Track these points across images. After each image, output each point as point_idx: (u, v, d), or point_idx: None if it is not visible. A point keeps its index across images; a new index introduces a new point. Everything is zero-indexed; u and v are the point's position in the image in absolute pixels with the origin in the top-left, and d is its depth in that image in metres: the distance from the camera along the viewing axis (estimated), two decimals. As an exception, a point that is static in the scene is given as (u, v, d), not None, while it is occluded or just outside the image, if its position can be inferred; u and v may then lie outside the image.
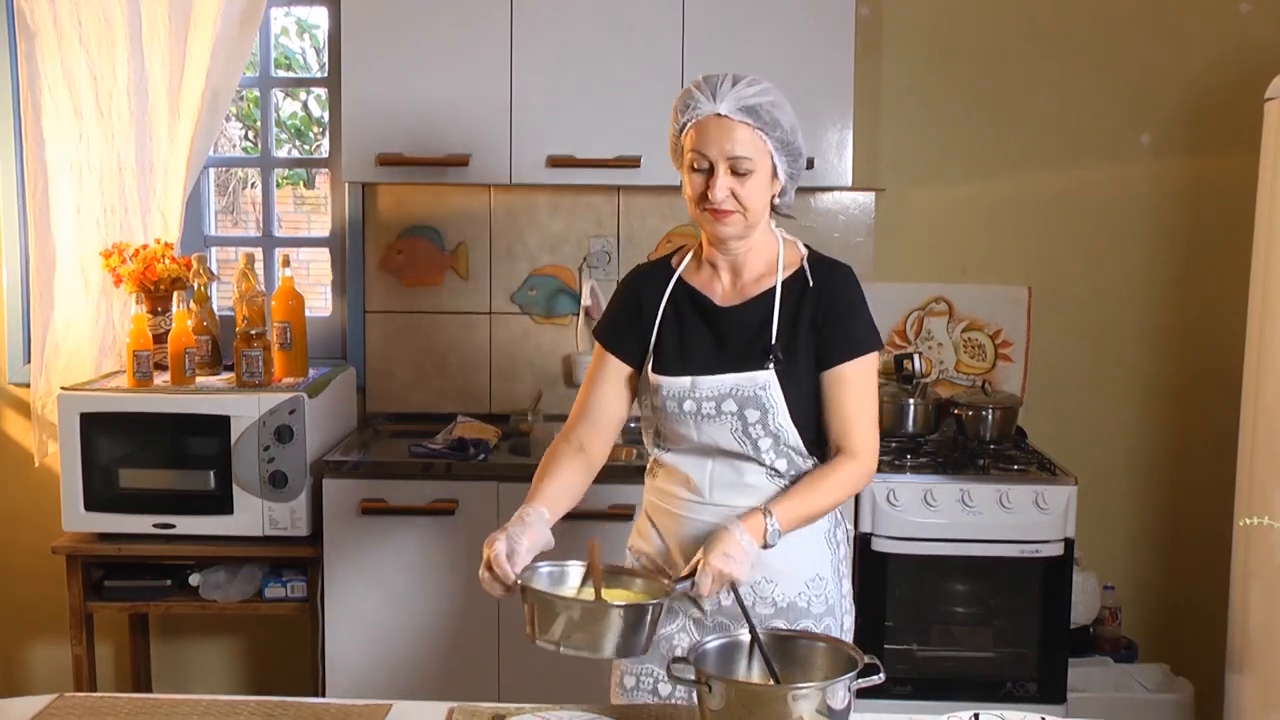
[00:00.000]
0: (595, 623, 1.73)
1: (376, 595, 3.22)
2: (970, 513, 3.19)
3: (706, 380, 2.07)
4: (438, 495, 3.19)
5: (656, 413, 2.12)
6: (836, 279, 2.10)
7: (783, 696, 1.66)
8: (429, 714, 1.85)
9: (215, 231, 3.84)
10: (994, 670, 3.25)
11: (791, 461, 2.08)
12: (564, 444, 2.16)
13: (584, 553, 1.92)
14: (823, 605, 2.12)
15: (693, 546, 2.07)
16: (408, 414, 3.73)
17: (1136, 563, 3.80)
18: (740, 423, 2.05)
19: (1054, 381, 3.75)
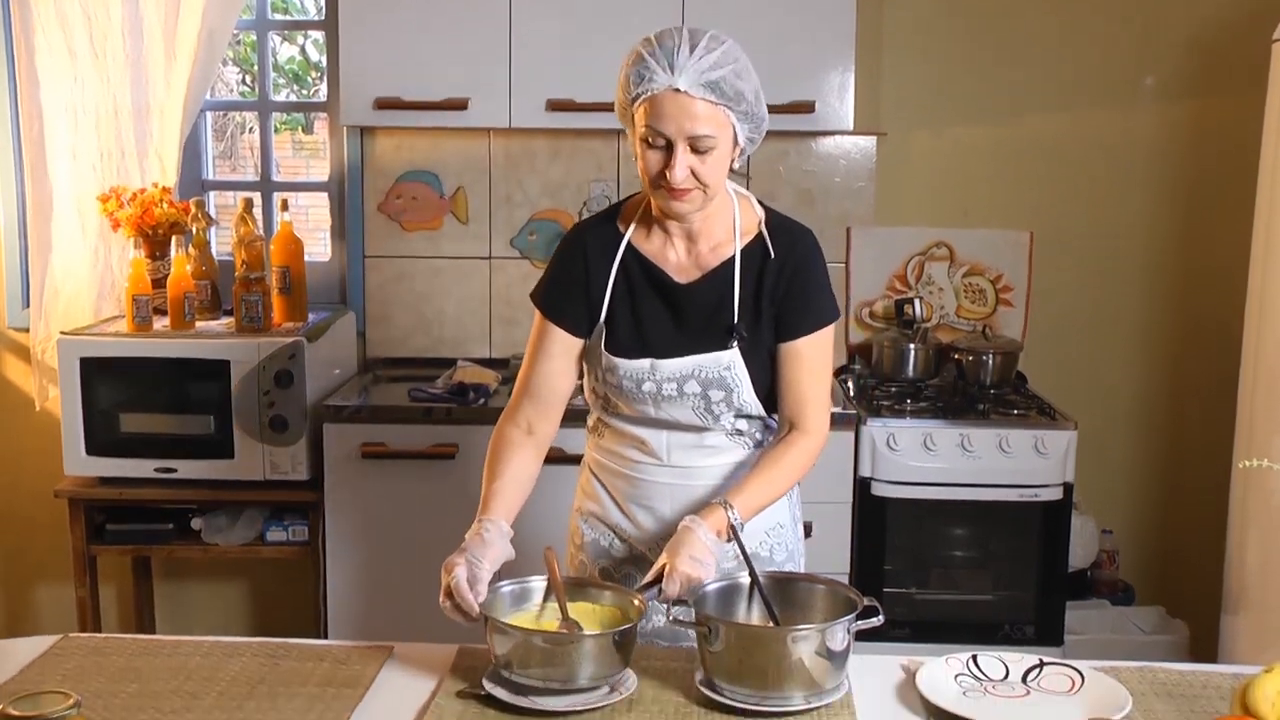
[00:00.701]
0: (568, 656, 1.65)
1: (377, 539, 3.23)
2: (970, 457, 3.18)
3: (667, 363, 1.95)
4: (438, 440, 3.19)
5: (610, 389, 2.00)
6: (800, 250, 1.98)
7: (782, 638, 1.66)
8: (431, 656, 1.85)
9: (213, 176, 3.81)
10: (992, 613, 3.26)
11: (752, 422, 2.03)
12: (511, 427, 2.03)
13: (538, 558, 1.86)
14: (784, 552, 2.09)
15: (650, 509, 2.02)
16: (407, 359, 3.72)
17: (1135, 507, 3.80)
18: (703, 402, 1.96)
19: (1055, 327, 3.74)
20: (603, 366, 1.99)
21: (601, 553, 2.09)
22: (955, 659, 1.80)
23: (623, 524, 2.07)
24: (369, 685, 1.75)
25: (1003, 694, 1.72)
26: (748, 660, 1.65)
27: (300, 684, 1.76)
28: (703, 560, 1.80)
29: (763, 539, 2.07)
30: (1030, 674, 1.78)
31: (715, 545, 1.83)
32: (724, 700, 1.67)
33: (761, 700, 1.65)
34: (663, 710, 1.67)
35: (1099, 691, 1.70)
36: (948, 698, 1.69)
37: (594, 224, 2.04)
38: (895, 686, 1.77)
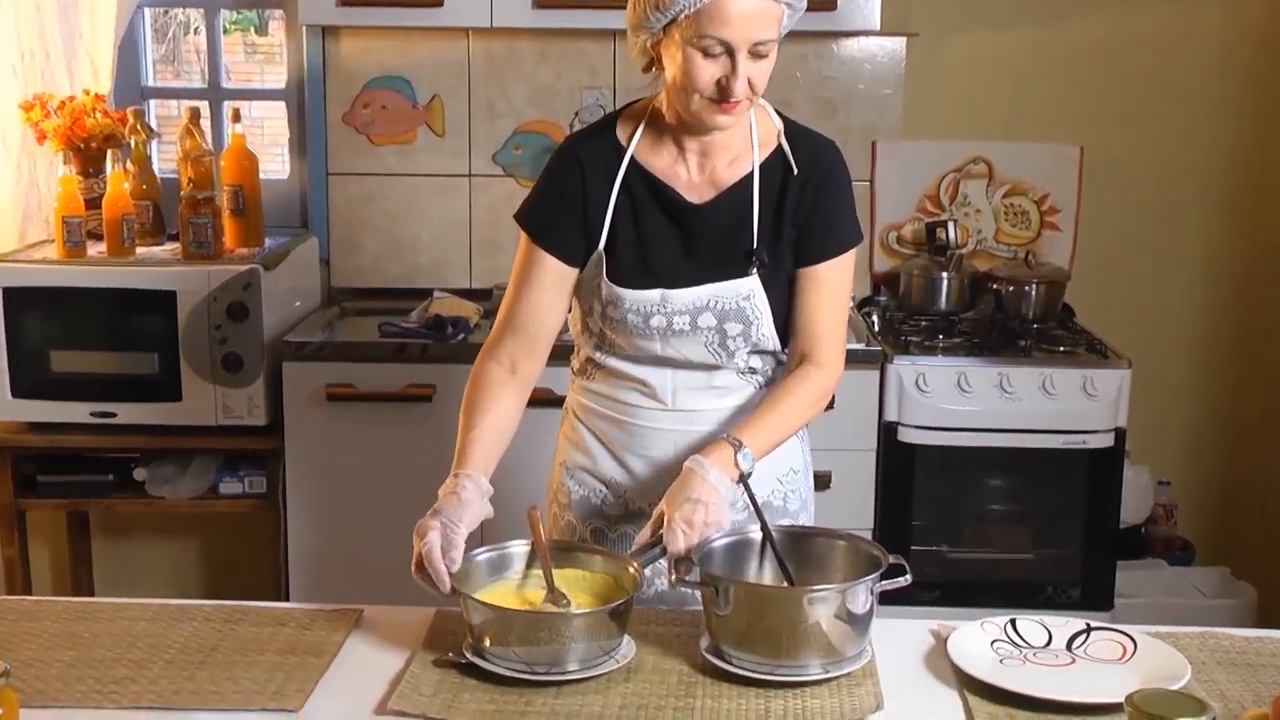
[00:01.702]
0: (554, 637, 1.64)
1: (344, 491, 3.24)
2: (1009, 399, 3.18)
3: (679, 293, 1.93)
4: (412, 380, 3.19)
5: (610, 324, 1.98)
6: (824, 164, 1.97)
7: (798, 600, 1.67)
8: (405, 620, 1.86)
9: (154, 82, 3.78)
10: (1033, 574, 3.27)
11: (765, 359, 2.02)
12: (493, 365, 2.00)
13: (520, 520, 1.84)
14: (797, 501, 2.09)
15: (649, 459, 2.01)
16: (377, 289, 3.71)
17: (1195, 456, 3.81)
18: (718, 336, 1.96)
19: (1106, 253, 3.72)
20: (603, 299, 1.97)
21: (592, 511, 2.08)
22: (991, 623, 1.81)
23: (617, 477, 2.06)
24: (335, 653, 1.76)
25: (1044, 662, 1.73)
26: (759, 624, 1.66)
27: (258, 651, 1.76)
28: (709, 503, 1.79)
29: (775, 486, 2.06)
30: (1076, 640, 1.78)
31: (724, 487, 1.82)
32: (732, 669, 1.67)
33: (774, 669, 1.66)
34: (664, 680, 1.68)
35: (1154, 660, 1.70)
36: (982, 666, 1.69)
37: (589, 137, 2.01)
38: (924, 654, 1.78)
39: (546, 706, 1.60)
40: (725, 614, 1.68)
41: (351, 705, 1.62)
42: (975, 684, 1.66)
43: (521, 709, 1.59)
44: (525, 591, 1.81)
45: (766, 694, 1.64)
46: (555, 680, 1.65)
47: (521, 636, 1.65)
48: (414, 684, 1.66)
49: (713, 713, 1.59)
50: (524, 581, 1.82)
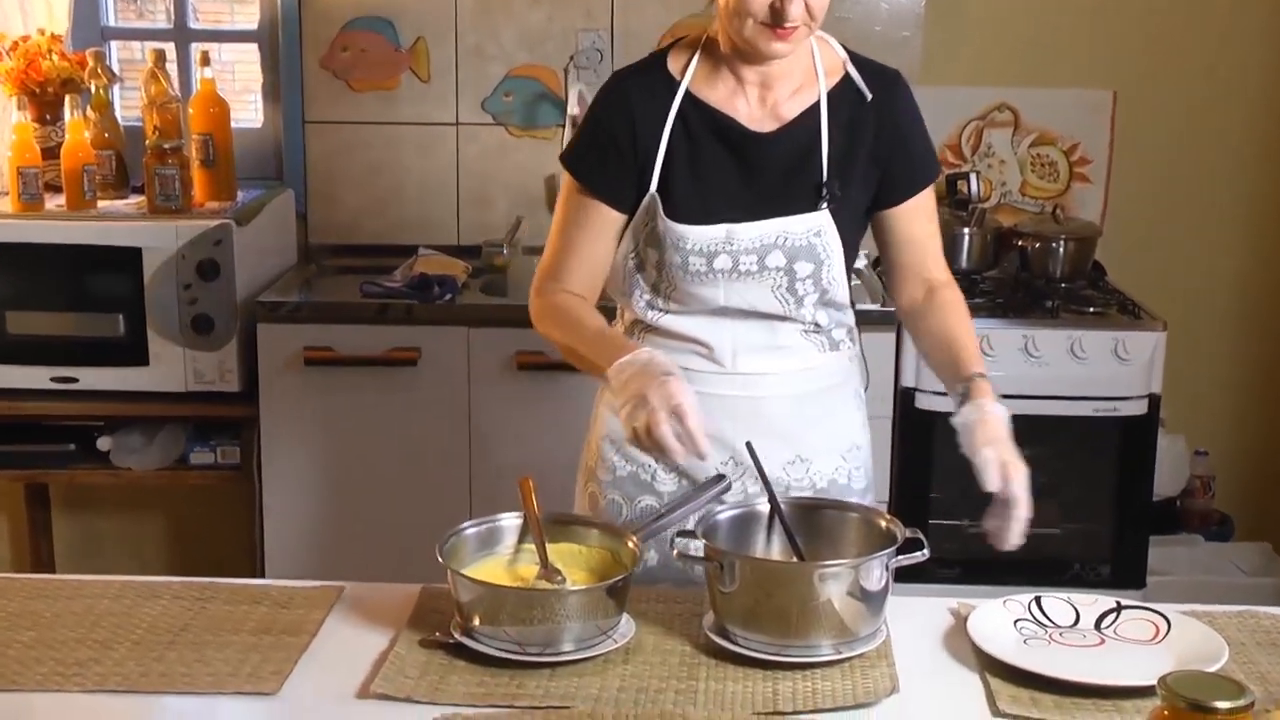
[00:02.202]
0: (547, 615, 1.64)
1: (323, 461, 3.24)
2: (1035, 364, 3.18)
3: (746, 229, 1.94)
4: (396, 343, 3.19)
5: (668, 272, 1.97)
6: (899, 92, 2.01)
7: (808, 576, 1.67)
8: (388, 598, 1.86)
9: (115, 22, 3.76)
10: (1059, 550, 3.28)
11: (831, 316, 2.03)
12: (566, 294, 2.00)
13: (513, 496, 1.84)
14: (863, 479, 2.10)
15: (710, 432, 1.95)
16: (358, 246, 3.71)
17: (1234, 424, 3.81)
18: (787, 278, 1.96)
19: (1141, 208, 3.71)
20: (661, 244, 1.97)
21: (642, 488, 2.05)
22: (1015, 601, 1.82)
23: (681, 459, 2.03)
24: (314, 633, 1.77)
25: (1071, 642, 1.74)
26: (767, 602, 1.66)
27: (232, 631, 1.77)
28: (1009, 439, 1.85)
29: (838, 464, 2.07)
30: (1105, 620, 1.79)
31: None
32: (738, 649, 1.68)
33: (782, 649, 1.66)
34: (665, 661, 1.69)
35: (1188, 641, 1.71)
36: (1005, 647, 1.70)
37: (637, 71, 2.03)
38: (943, 634, 1.78)
39: (540, 689, 1.61)
40: (730, 591, 1.68)
41: (332, 688, 1.63)
42: (997, 665, 1.66)
43: (513, 692, 1.60)
44: (517, 567, 1.81)
45: (774, 676, 1.64)
46: (549, 661, 1.65)
47: (513, 615, 1.65)
48: (399, 665, 1.66)
49: (717, 695, 1.60)
50: (516, 557, 1.82)
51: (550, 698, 1.59)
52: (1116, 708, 1.56)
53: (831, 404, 2.06)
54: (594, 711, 1.53)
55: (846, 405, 2.10)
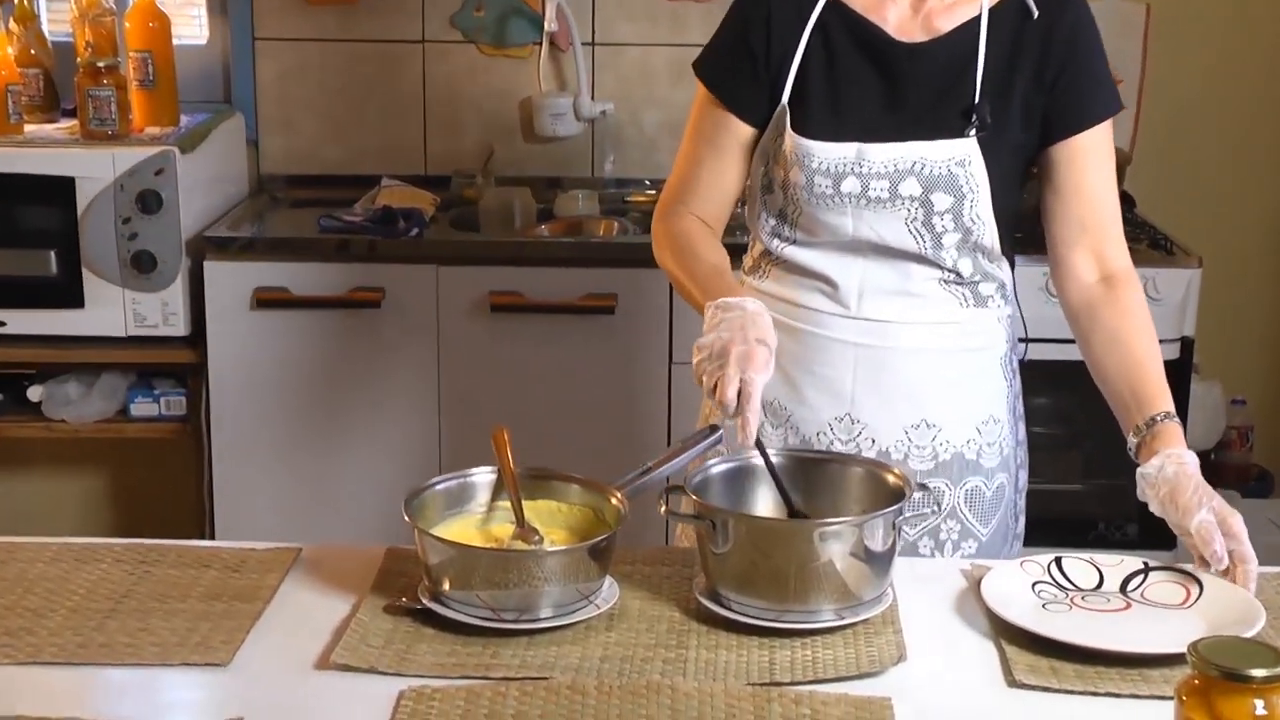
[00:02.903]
0: (524, 578, 1.64)
1: (278, 412, 3.26)
2: (1055, 304, 3.11)
3: (879, 150, 1.92)
4: (357, 282, 3.19)
5: (793, 194, 1.98)
6: (1074, 10, 1.96)
7: (808, 535, 1.67)
8: (350, 560, 1.86)
9: (45, -73, 3.72)
10: (1082, 507, 3.30)
11: (978, 265, 2.00)
12: (693, 220, 2.02)
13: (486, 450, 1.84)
14: (996, 457, 2.08)
15: (826, 380, 2.00)
16: (315, 176, 3.71)
17: (1275, 371, 3.83)
18: (922, 211, 1.93)
19: (1175, 132, 3.71)
20: (787, 161, 1.97)
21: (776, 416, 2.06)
22: (1033, 563, 1.82)
23: (782, 397, 2.04)
24: (269, 599, 1.76)
25: (1095, 607, 1.74)
26: (764, 564, 1.66)
27: (179, 598, 1.76)
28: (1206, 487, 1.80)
29: (970, 436, 2.05)
30: (1132, 582, 1.80)
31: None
32: (731, 615, 1.68)
33: (779, 615, 1.66)
34: (652, 628, 1.69)
35: (1223, 604, 1.71)
36: (1023, 612, 1.70)
37: None
38: (954, 597, 1.79)
39: (516, 658, 1.61)
40: (724, 552, 1.69)
41: (288, 659, 1.63)
42: (1013, 631, 1.67)
43: (486, 662, 1.60)
44: (491, 527, 1.81)
45: (770, 643, 1.65)
46: (526, 629, 1.66)
47: (486, 578, 1.66)
48: (361, 633, 1.66)
49: (709, 664, 1.60)
50: (489, 515, 1.82)
51: (527, 668, 1.59)
52: (1143, 677, 1.56)
53: (970, 367, 2.04)
54: (575, 682, 1.54)
55: (988, 371, 2.07)
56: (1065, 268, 2.02)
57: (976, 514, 2.06)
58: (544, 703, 1.50)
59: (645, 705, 1.49)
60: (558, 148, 3.73)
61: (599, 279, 3.18)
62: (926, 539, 2.05)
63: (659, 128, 3.72)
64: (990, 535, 2.08)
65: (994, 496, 2.07)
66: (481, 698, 1.51)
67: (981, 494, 2.06)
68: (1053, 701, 1.54)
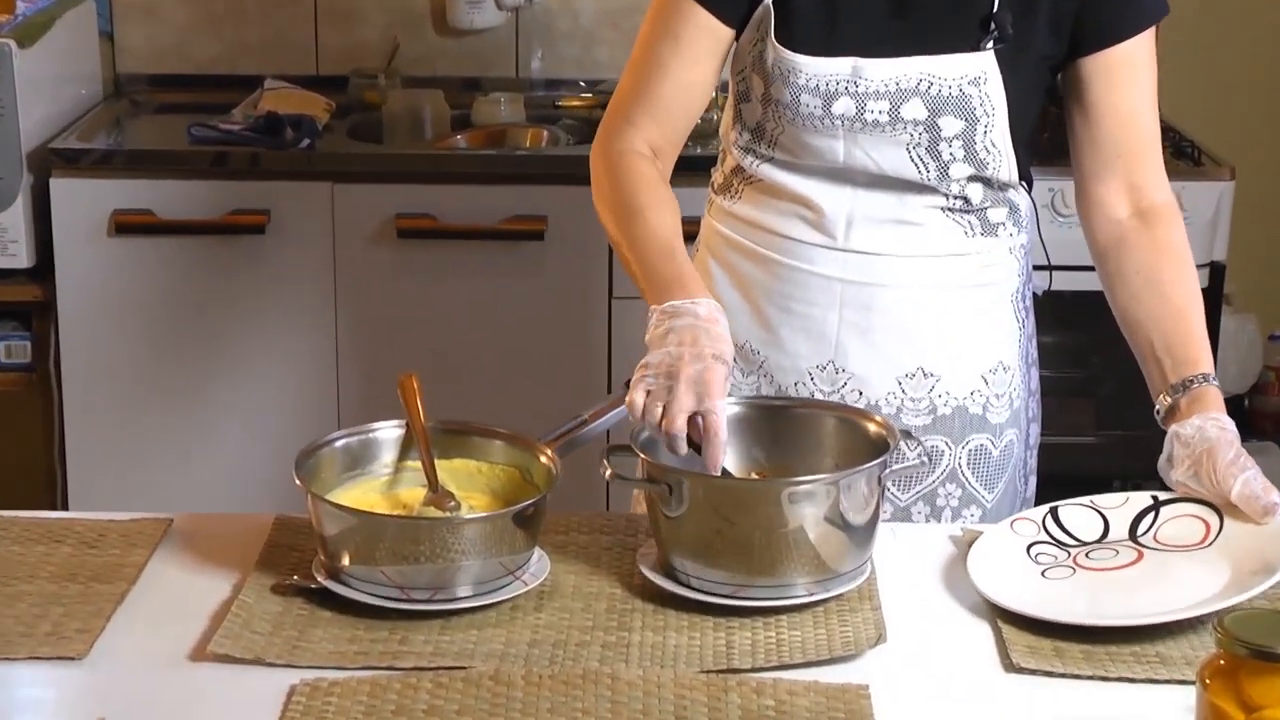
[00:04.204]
0: (438, 552, 1.64)
1: (142, 357, 3.25)
2: (1064, 225, 3.19)
3: (878, 66, 1.91)
4: (238, 203, 3.19)
5: (774, 112, 1.97)
6: None
7: (775, 496, 1.68)
8: (231, 531, 1.86)
9: None
10: (1096, 462, 3.33)
11: (989, 192, 2.01)
12: (636, 157, 1.98)
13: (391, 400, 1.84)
14: (1005, 410, 2.09)
15: (805, 320, 2.01)
16: (184, 76, 3.70)
17: (1318, 302, 3.87)
18: (927, 137, 1.93)
19: (1201, 28, 3.73)
20: (768, 74, 1.96)
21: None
22: (1026, 520, 1.84)
23: (754, 340, 2.05)
24: (134, 579, 1.76)
25: (1102, 564, 1.76)
26: (728, 532, 1.67)
27: (27, 578, 1.76)
28: (1245, 454, 1.80)
29: (975, 387, 2.05)
30: (1141, 523, 1.82)
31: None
32: (683, 591, 1.69)
33: (738, 590, 1.68)
34: (589, 607, 1.70)
35: (1248, 535, 1.73)
36: (1019, 585, 1.71)
37: None
38: (942, 567, 1.81)
39: (429, 644, 1.62)
40: (678, 517, 1.69)
41: (157, 650, 1.63)
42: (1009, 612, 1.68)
43: (394, 649, 1.61)
44: (398, 491, 1.82)
45: (728, 623, 1.66)
46: (440, 610, 1.66)
47: (393, 551, 1.66)
48: (244, 618, 1.66)
49: (656, 649, 1.61)
50: (396, 477, 1.83)
51: (442, 655, 1.60)
52: (1161, 659, 1.58)
53: (976, 306, 2.04)
54: (498, 672, 1.55)
55: (997, 311, 2.07)
56: (1093, 200, 2.02)
57: (981, 477, 2.08)
58: (462, 695, 1.51)
59: (581, 697, 1.50)
60: (475, 42, 3.72)
61: (525, 198, 3.17)
62: (921, 504, 2.07)
63: (597, 18, 3.71)
64: (996, 501, 2.10)
65: (1001, 456, 2.09)
66: (388, 691, 1.51)
67: (987, 453, 2.08)
68: (1057, 689, 1.56)
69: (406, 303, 3.22)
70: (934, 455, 2.04)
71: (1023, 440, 2.14)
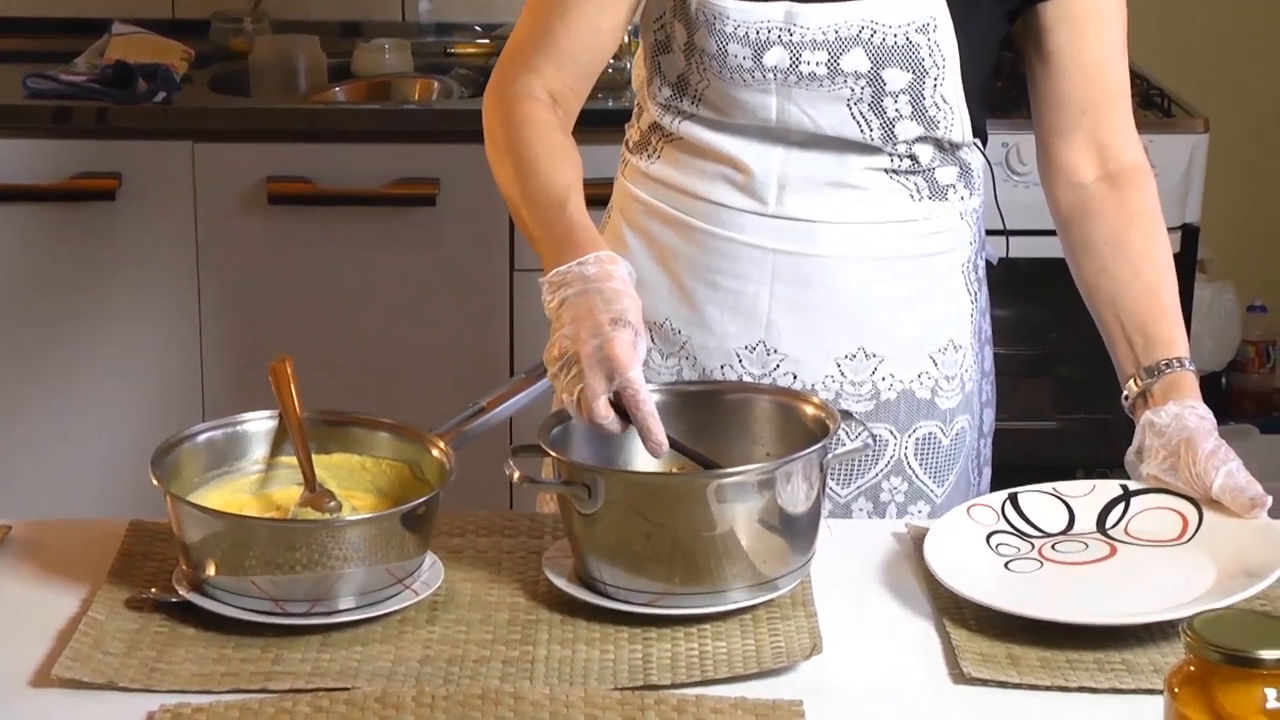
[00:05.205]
0: (317, 559, 1.64)
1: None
2: (1020, 184, 3.22)
3: (815, 12, 1.92)
4: (83, 166, 3.19)
5: (698, 63, 1.98)
6: None
7: (700, 493, 1.68)
8: (80, 539, 1.86)
9: None
10: (1056, 448, 3.36)
11: (940, 151, 2.02)
12: (534, 103, 1.98)
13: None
14: (956, 394, 2.11)
15: (733, 296, 2.03)
16: (18, 20, 3.69)
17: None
18: (870, 91, 1.95)
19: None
20: (691, 20, 1.96)
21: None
22: (984, 507, 1.86)
23: (675, 319, 2.07)
24: (-32, 593, 1.76)
25: (1070, 557, 1.78)
26: (657, 535, 1.68)
27: None
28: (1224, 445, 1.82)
29: (923, 369, 2.07)
30: (1110, 515, 1.84)
31: None
32: (598, 600, 1.70)
33: (658, 598, 1.69)
34: (489, 619, 1.71)
35: (1231, 530, 1.75)
36: (981, 578, 1.73)
37: None
38: (885, 567, 1.83)
39: (307, 664, 1.62)
40: (592, 514, 1.69)
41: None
42: (962, 610, 1.69)
43: (267, 669, 1.61)
44: (271, 490, 1.82)
45: (646, 634, 1.67)
46: (320, 624, 1.67)
47: (266, 559, 1.66)
48: (95, 637, 1.66)
49: (564, 664, 1.62)
50: (268, 475, 1.83)
51: (322, 676, 1.60)
52: (1127, 665, 1.61)
53: (923, 279, 2.06)
54: (385, 694, 1.55)
55: (947, 283, 2.09)
56: (1056, 162, 2.05)
57: (929, 469, 2.10)
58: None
59: (480, 719, 1.50)
60: (355, -20, 3.72)
61: (414, 159, 3.17)
62: (863, 500, 2.09)
63: (493, -48, 3.72)
64: (947, 495, 2.12)
65: (952, 445, 2.12)
66: (260, 717, 1.51)
67: (936, 443, 2.10)
68: (1011, 700, 1.58)
69: (280, 278, 3.21)
70: (877, 445, 2.06)
71: (976, 427, 2.16)
